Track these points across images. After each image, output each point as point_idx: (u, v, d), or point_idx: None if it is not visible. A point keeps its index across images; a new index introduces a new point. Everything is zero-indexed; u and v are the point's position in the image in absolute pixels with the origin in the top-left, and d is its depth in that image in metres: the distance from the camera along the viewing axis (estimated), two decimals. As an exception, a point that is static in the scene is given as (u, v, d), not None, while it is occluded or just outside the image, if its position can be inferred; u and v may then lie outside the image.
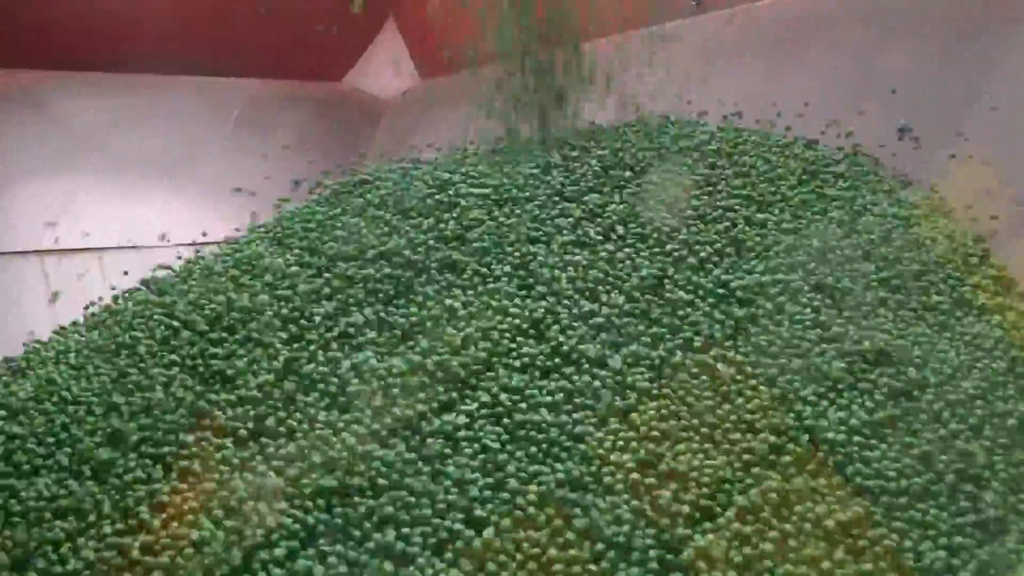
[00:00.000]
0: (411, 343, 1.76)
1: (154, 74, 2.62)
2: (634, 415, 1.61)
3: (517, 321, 1.77)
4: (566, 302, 1.81)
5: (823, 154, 2.18)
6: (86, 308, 1.93)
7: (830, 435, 1.57)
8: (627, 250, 1.92)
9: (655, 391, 1.65)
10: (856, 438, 1.57)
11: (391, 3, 2.91)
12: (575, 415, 1.62)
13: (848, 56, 2.37)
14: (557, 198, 2.04)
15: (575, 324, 1.77)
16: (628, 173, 2.10)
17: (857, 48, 2.37)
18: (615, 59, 2.29)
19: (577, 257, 1.90)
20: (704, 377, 1.67)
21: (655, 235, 1.94)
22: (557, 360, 1.71)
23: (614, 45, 2.29)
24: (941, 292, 1.82)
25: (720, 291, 1.83)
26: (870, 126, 2.21)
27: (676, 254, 1.90)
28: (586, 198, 2.04)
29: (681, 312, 1.79)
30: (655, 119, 2.32)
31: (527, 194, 2.06)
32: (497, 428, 1.61)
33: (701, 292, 1.83)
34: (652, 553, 1.43)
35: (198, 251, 2.06)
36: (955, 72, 2.21)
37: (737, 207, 2.01)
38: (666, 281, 1.85)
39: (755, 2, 2.59)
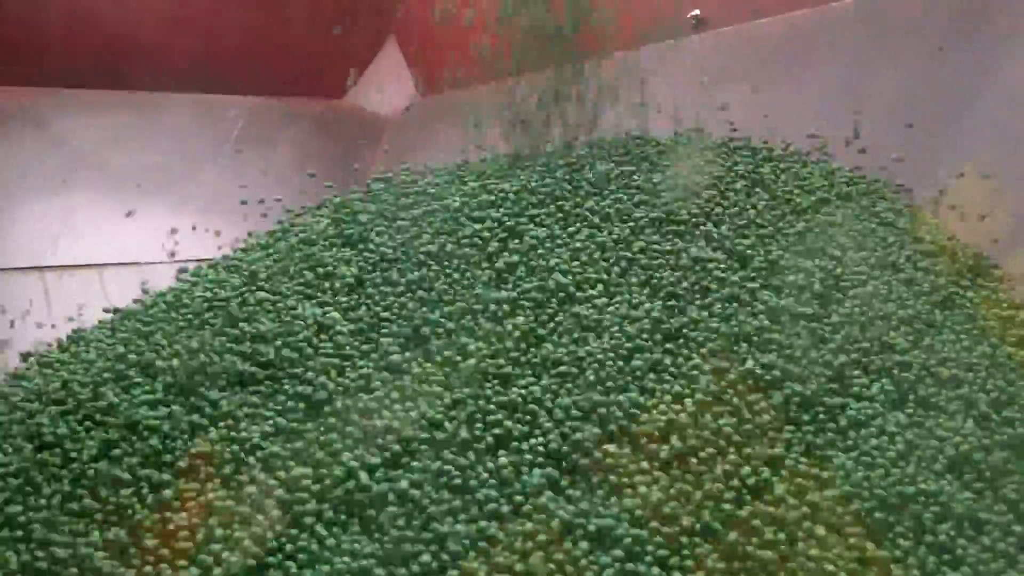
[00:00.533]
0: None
1: (154, 91, 2.62)
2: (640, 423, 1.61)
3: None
4: (577, 304, 1.82)
5: (825, 167, 2.19)
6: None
7: (832, 441, 1.58)
8: (636, 262, 1.92)
9: (662, 396, 1.65)
10: (859, 441, 1.58)
11: (392, 21, 2.92)
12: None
13: (848, 72, 2.38)
14: (561, 211, 2.05)
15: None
16: (632, 189, 2.10)
17: (857, 64, 2.38)
18: (618, 76, 2.30)
19: (584, 269, 1.91)
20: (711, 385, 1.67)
21: (661, 246, 1.95)
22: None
23: (617, 63, 2.30)
24: (942, 301, 1.83)
25: (726, 301, 1.83)
26: (870, 140, 2.22)
27: (683, 264, 1.91)
28: (588, 210, 2.04)
29: (687, 321, 1.79)
30: (658, 134, 2.33)
31: (530, 208, 2.06)
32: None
33: (708, 301, 1.83)
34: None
35: (198, 267, 2.06)
36: (956, 86, 2.22)
37: (741, 219, 2.01)
38: (675, 291, 1.85)
39: (755, 20, 2.60)
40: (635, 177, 2.14)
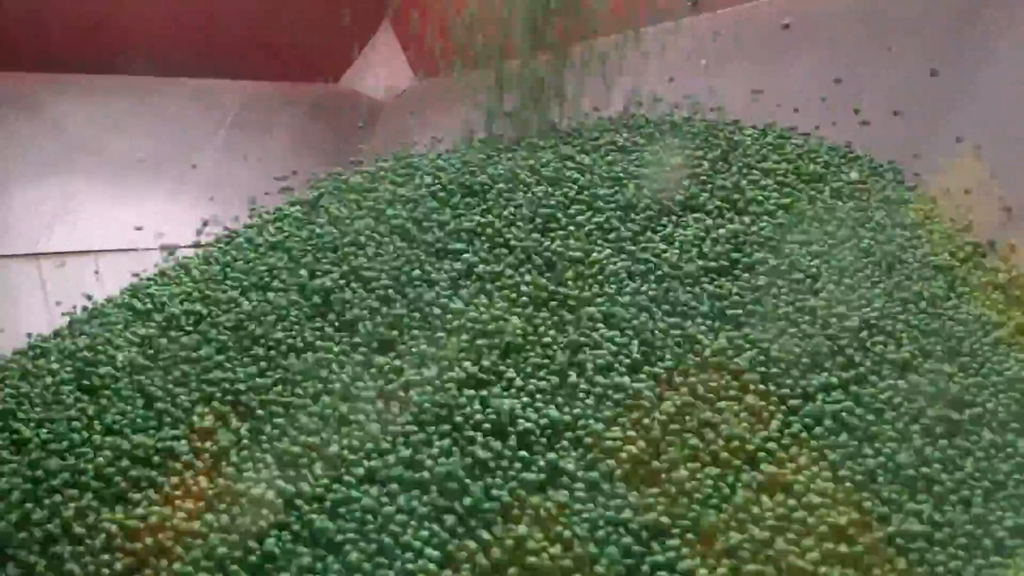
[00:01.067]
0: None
1: (150, 76, 2.62)
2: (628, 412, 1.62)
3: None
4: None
5: (819, 152, 2.18)
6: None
7: (823, 427, 1.58)
8: (623, 243, 1.92)
9: (645, 386, 1.65)
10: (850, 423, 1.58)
11: (387, 4, 2.92)
12: None
13: (847, 54, 2.37)
14: (552, 193, 2.04)
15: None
16: (623, 170, 2.10)
17: (853, 48, 2.38)
18: (611, 58, 2.29)
19: (574, 252, 1.91)
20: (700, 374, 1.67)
21: (652, 229, 1.95)
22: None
23: (610, 44, 2.29)
24: (935, 288, 1.82)
25: (715, 285, 1.83)
26: (866, 125, 2.22)
27: (672, 247, 1.91)
28: (580, 195, 2.04)
29: (676, 303, 1.80)
30: (652, 117, 2.32)
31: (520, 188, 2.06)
32: None
33: (696, 286, 1.83)
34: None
35: (194, 252, 2.06)
36: (952, 71, 2.21)
37: (733, 202, 2.01)
38: (665, 274, 1.86)
39: (751, 2, 2.59)
40: (626, 160, 2.14)
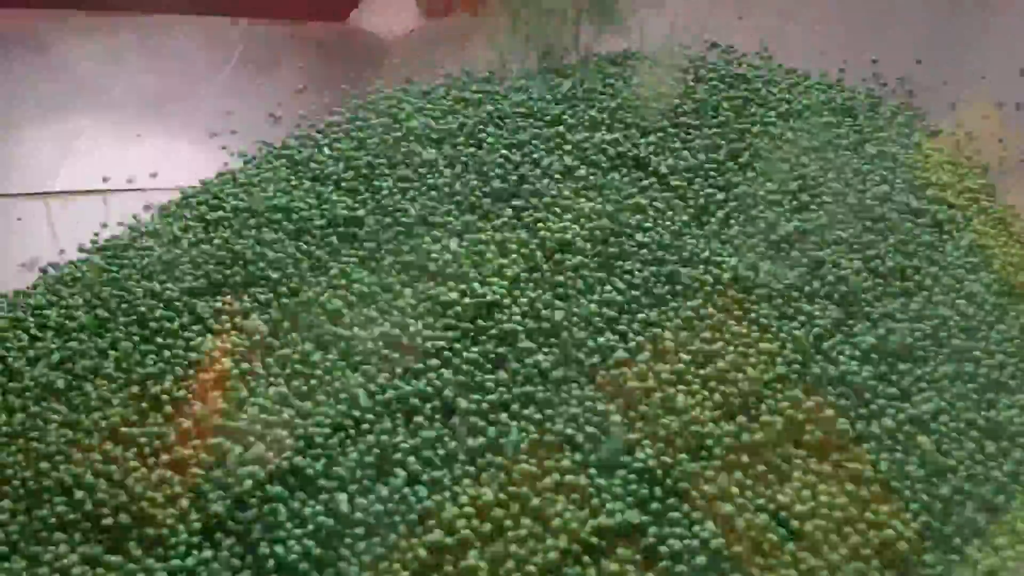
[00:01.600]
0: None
1: (154, 13, 2.61)
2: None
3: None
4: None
5: (832, 90, 2.17)
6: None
7: (829, 366, 1.59)
8: (635, 181, 1.92)
9: (655, 324, 1.67)
10: (859, 367, 1.59)
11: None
12: None
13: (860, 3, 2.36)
14: (561, 130, 2.03)
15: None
16: (642, 106, 2.09)
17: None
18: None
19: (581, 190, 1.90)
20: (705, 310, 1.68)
21: (665, 163, 1.95)
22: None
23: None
24: (944, 233, 1.82)
25: (720, 217, 1.84)
26: (879, 71, 2.21)
27: (680, 182, 1.91)
28: (593, 133, 2.03)
29: (682, 240, 1.80)
30: (668, 53, 2.30)
31: (532, 124, 2.05)
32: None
33: (704, 220, 1.84)
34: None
35: (197, 190, 2.06)
36: (964, 19, 2.20)
37: (737, 140, 2.01)
38: (676, 202, 1.86)
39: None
40: (623, 92, 2.13)
